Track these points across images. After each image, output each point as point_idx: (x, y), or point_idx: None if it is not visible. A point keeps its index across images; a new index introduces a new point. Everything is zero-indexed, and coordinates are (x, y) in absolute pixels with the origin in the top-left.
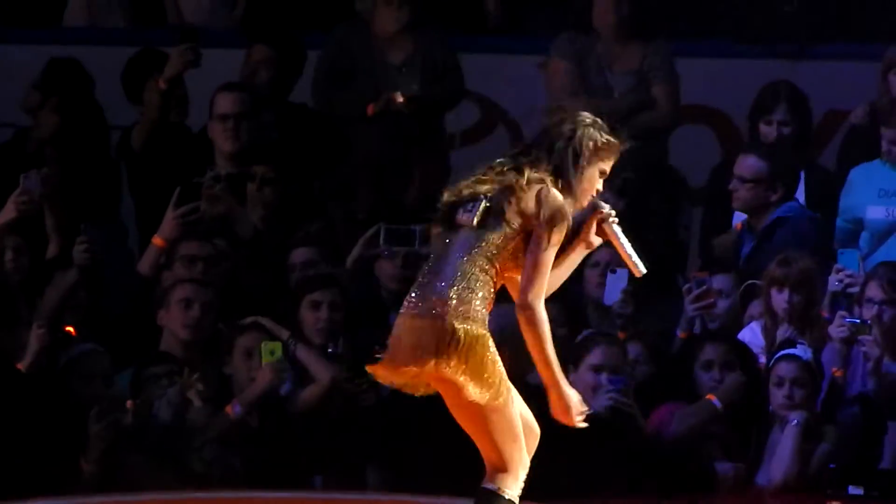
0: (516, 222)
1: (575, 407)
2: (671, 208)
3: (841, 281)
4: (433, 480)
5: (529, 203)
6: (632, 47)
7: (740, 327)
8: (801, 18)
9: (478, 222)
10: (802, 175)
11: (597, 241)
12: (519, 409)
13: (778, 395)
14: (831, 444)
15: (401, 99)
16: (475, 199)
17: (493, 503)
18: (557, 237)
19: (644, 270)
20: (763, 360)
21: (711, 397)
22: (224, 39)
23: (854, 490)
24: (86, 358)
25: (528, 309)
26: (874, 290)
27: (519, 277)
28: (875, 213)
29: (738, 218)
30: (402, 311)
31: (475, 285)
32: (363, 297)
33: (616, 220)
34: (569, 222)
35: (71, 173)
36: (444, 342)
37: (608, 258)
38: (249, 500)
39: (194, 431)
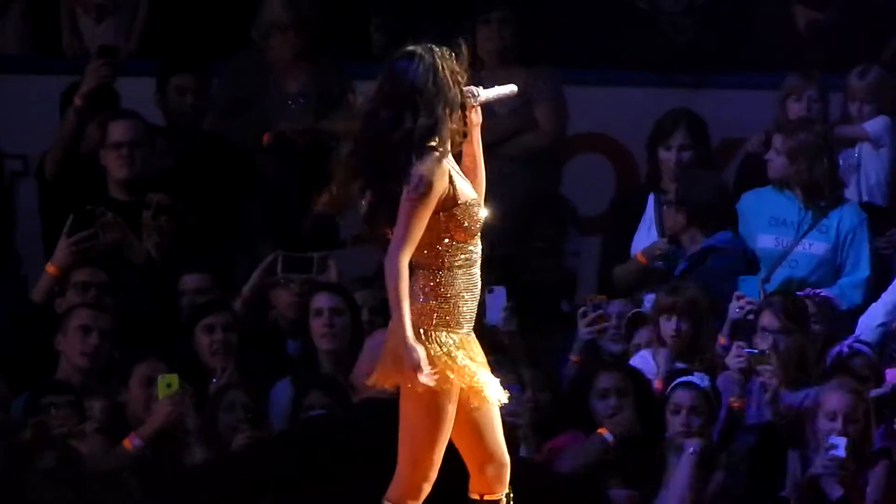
0: None
1: (420, 359)
2: (558, 235)
3: (741, 308)
4: None
5: None
6: (516, 72)
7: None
8: (696, 49)
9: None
10: None
11: (477, 119)
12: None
13: (675, 423)
14: (727, 472)
15: (293, 129)
16: None
17: None
18: (412, 206)
19: (515, 87)
20: (656, 386)
21: (603, 431)
22: (120, 68)
23: None
24: None
25: (389, 263)
26: (769, 320)
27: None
28: (765, 241)
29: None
30: None
31: (412, 281)
32: (260, 326)
33: (475, 93)
34: (431, 184)
35: None
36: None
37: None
38: None
39: (92, 460)
